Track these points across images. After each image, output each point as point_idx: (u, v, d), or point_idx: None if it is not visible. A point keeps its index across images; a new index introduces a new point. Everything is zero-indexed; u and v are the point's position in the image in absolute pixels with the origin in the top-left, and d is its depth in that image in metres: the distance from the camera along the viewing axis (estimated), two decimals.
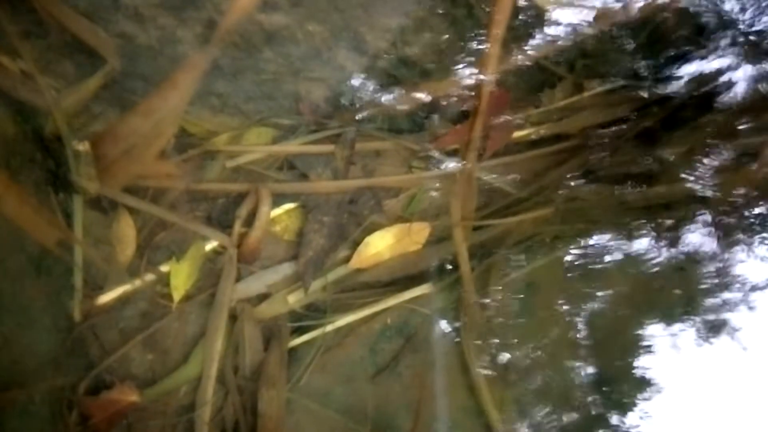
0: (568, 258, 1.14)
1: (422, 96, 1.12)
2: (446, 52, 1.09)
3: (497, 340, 1.10)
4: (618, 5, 1.11)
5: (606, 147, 1.14)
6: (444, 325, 1.11)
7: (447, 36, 1.08)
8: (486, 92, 0.97)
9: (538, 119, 1.15)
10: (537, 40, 1.12)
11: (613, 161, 1.13)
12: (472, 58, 1.09)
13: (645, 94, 1.16)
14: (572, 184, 1.14)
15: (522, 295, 1.12)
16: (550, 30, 1.12)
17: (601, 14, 1.11)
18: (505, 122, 1.13)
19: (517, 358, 1.10)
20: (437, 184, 1.13)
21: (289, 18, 0.99)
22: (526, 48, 1.12)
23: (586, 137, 1.14)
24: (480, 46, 1.08)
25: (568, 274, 1.13)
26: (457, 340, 1.09)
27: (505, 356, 1.10)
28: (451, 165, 1.13)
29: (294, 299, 1.06)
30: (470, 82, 1.10)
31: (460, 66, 1.10)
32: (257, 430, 0.99)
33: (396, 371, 1.08)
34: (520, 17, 1.09)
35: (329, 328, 1.06)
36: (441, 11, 1.06)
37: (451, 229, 1.11)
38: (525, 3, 1.09)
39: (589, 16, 1.12)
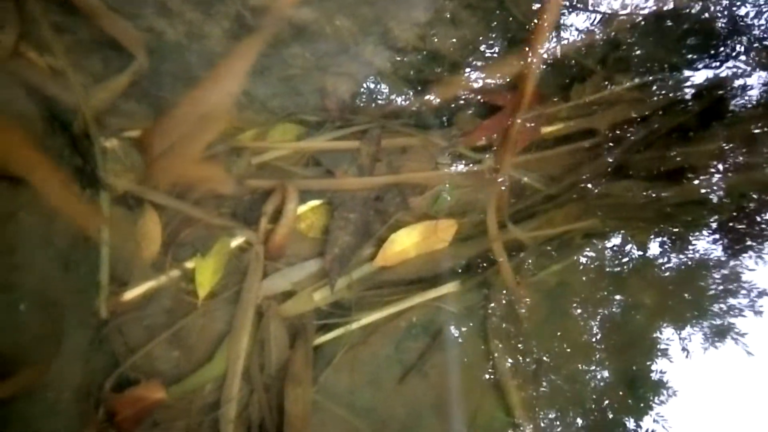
0: (599, 256, 1.12)
1: (450, 91, 1.10)
2: (476, 47, 1.07)
3: (525, 339, 1.08)
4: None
5: (638, 143, 1.12)
6: (471, 324, 1.09)
7: (477, 30, 1.06)
8: (529, 87, 0.93)
9: (568, 114, 1.13)
10: (567, 34, 1.11)
11: (646, 157, 1.11)
12: (503, 52, 1.07)
13: (677, 90, 1.14)
14: (603, 180, 1.12)
15: (551, 294, 1.10)
16: (580, 24, 1.10)
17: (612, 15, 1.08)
18: (534, 117, 1.11)
19: (545, 357, 1.08)
20: (465, 181, 1.12)
21: (318, 12, 0.98)
22: (556, 42, 1.10)
23: (617, 133, 1.12)
24: (510, 40, 1.06)
25: (599, 273, 1.11)
26: (484, 338, 1.08)
27: (532, 355, 1.08)
28: (480, 161, 1.12)
29: (319, 297, 1.05)
30: (499, 77, 1.09)
31: (490, 60, 1.08)
32: (283, 428, 0.98)
33: (422, 370, 1.07)
34: None
35: (355, 325, 1.05)
36: (471, 4, 1.05)
37: (478, 227, 1.09)
38: None
39: (617, 10, 1.10)
